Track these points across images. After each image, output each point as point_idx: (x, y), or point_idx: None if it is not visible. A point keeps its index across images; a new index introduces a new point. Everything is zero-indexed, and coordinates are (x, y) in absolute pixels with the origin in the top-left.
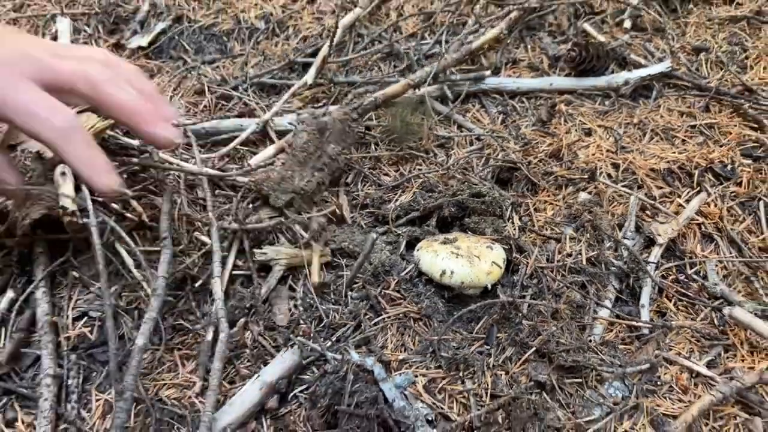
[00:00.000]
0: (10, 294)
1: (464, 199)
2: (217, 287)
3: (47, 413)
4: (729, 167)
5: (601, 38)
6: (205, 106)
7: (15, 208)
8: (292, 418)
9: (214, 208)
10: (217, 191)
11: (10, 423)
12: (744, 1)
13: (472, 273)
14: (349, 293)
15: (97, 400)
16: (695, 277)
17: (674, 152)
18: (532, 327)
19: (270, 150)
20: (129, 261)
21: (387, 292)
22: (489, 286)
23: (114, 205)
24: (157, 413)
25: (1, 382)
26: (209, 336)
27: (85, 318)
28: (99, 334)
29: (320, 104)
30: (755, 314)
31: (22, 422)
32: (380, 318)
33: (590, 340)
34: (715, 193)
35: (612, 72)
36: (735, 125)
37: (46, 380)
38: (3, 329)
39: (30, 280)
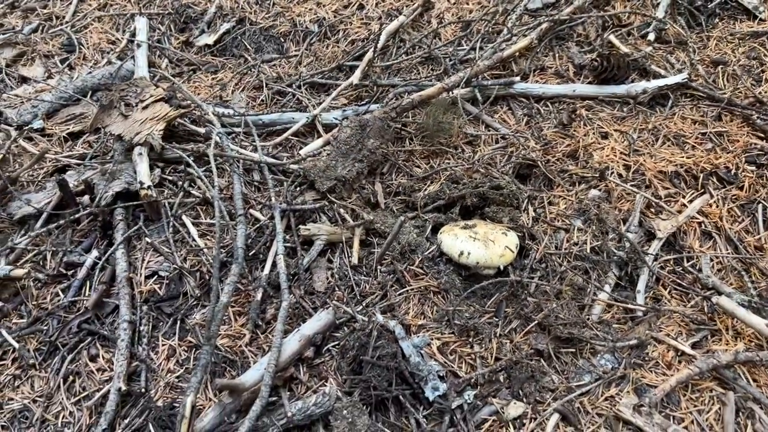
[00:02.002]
0: (94, 253)
1: (485, 191)
2: (281, 264)
3: (124, 352)
4: (733, 172)
5: (625, 49)
6: (262, 101)
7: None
8: (324, 367)
9: (268, 190)
10: (270, 176)
11: (93, 358)
12: (767, 18)
13: (486, 254)
14: (379, 267)
15: (163, 345)
16: (691, 269)
17: (683, 156)
18: (536, 304)
19: (318, 142)
20: (193, 231)
21: (412, 268)
22: (501, 268)
23: (179, 183)
24: (213, 357)
25: (87, 325)
26: (258, 296)
27: (156, 276)
28: (167, 290)
29: (363, 102)
30: (742, 305)
31: (103, 358)
32: (404, 289)
33: (588, 318)
34: (717, 195)
35: (632, 81)
36: (744, 134)
37: (123, 325)
38: (88, 282)
39: (111, 243)
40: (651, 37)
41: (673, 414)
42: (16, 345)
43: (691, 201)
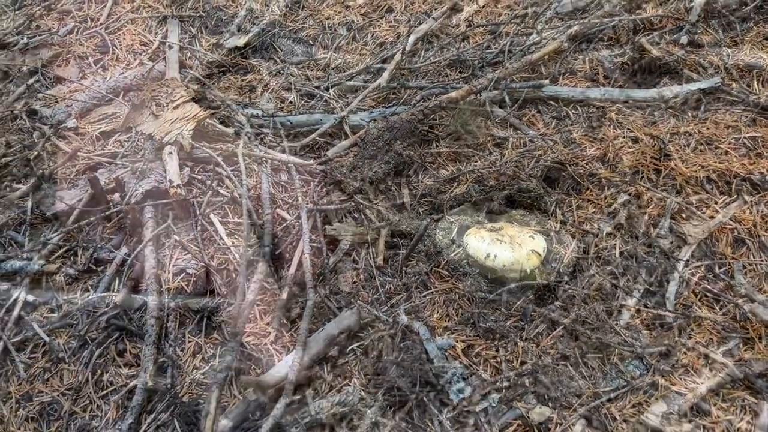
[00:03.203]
0: (124, 250)
1: (512, 194)
2: (307, 264)
3: (151, 347)
4: (767, 178)
5: (656, 53)
6: (291, 102)
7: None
8: (348, 366)
9: (295, 190)
10: (297, 176)
11: (120, 353)
12: None
13: (513, 258)
14: (404, 269)
15: (189, 341)
16: (723, 276)
17: (716, 162)
18: (563, 308)
19: (345, 143)
20: (221, 229)
21: (437, 270)
22: (528, 271)
23: (208, 182)
24: (238, 355)
25: (115, 320)
26: (284, 295)
27: (183, 274)
28: (194, 287)
29: (391, 104)
30: None
31: (130, 353)
32: (429, 291)
33: (616, 324)
34: (750, 201)
35: (664, 85)
36: None
37: (150, 321)
38: (118, 279)
39: (140, 240)
40: (683, 40)
41: (703, 423)
42: (47, 338)
43: (723, 207)
